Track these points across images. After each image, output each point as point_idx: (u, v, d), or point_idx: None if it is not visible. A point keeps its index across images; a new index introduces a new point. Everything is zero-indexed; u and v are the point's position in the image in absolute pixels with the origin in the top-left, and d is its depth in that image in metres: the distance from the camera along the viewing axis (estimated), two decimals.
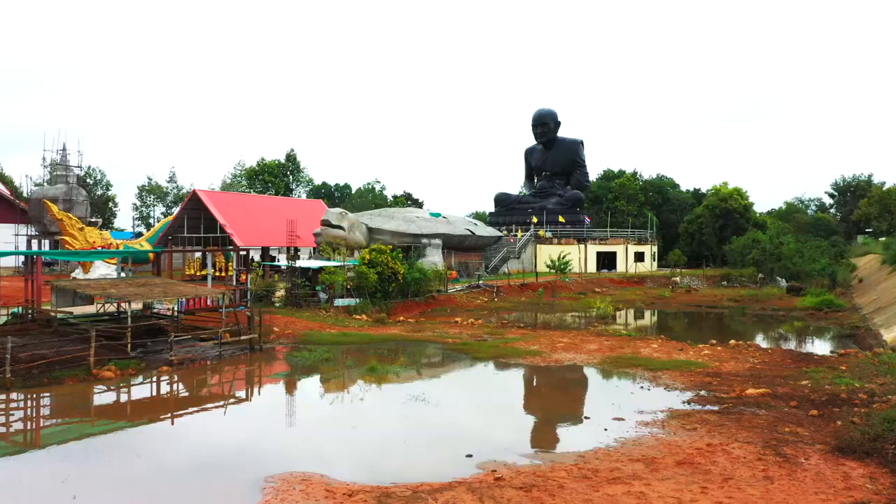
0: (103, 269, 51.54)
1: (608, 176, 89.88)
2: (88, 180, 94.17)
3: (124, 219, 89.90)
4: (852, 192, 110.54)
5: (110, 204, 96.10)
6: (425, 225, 45.90)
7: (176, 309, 26.51)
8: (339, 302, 32.22)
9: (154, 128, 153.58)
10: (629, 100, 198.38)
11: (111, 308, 24.68)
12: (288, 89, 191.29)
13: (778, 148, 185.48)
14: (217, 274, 49.85)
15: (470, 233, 49.33)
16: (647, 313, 38.65)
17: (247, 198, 55.23)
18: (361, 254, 35.03)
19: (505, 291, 44.69)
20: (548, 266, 47.98)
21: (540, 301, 40.97)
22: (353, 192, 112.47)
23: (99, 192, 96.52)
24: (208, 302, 26.23)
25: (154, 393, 17.80)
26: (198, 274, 50.81)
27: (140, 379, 18.50)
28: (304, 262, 32.90)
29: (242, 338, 22.84)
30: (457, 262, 49.78)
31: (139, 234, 66.09)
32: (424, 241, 45.15)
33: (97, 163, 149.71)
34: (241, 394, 18.24)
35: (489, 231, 53.35)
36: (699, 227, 74.36)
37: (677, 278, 54.27)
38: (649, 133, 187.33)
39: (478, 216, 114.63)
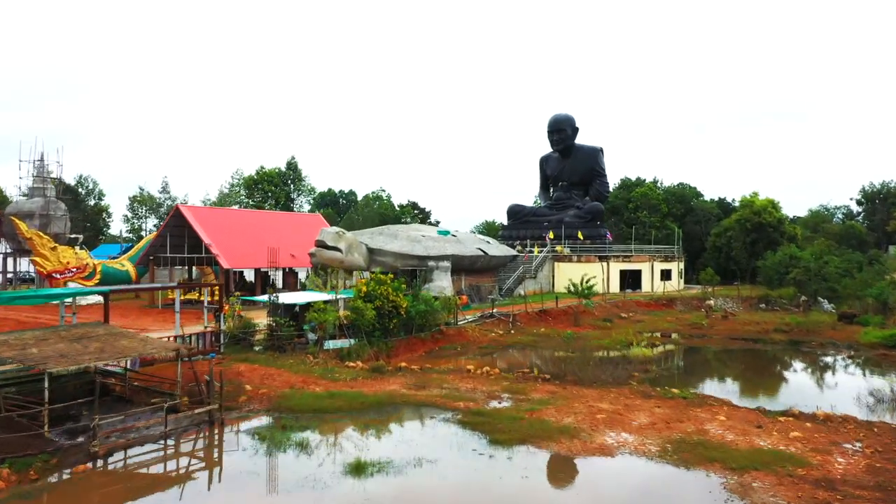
0: None
1: (626, 184, 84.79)
2: (80, 189, 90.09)
3: (118, 230, 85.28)
4: (882, 199, 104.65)
5: (103, 214, 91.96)
6: (433, 245, 41.01)
7: (128, 364, 21.81)
8: (330, 344, 27.37)
9: (148, 134, 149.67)
10: (642, 104, 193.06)
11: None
12: (290, 94, 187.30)
13: (799, 152, 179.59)
14: (202, 299, 45.24)
15: (482, 253, 44.40)
16: (685, 351, 33.44)
17: (237, 213, 50.55)
18: (357, 284, 30.19)
19: (522, 320, 39.72)
20: (569, 290, 42.92)
21: (563, 336, 35.98)
22: (360, 199, 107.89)
23: (92, 203, 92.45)
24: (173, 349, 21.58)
25: None
26: (182, 298, 46.13)
27: (37, 486, 13.64)
28: (288, 296, 28.08)
29: (198, 410, 17.99)
30: (467, 284, 44.86)
31: (128, 249, 61.46)
32: (431, 263, 40.26)
33: (90, 171, 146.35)
34: None
35: (503, 250, 48.36)
36: (728, 241, 69.09)
37: (711, 301, 49.07)
38: (664, 138, 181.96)
39: (488, 226, 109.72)
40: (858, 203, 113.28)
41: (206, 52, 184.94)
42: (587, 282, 44.36)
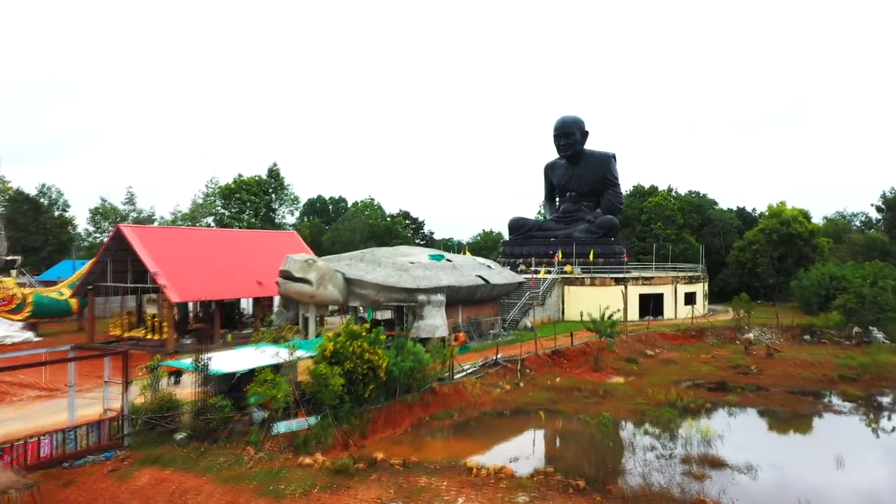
0: (1, 331, 39.72)
1: (639, 192, 77.76)
2: (43, 200, 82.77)
3: (75, 246, 77.80)
4: None
5: (68, 227, 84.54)
6: (423, 276, 33.86)
7: None
8: (281, 427, 20.16)
9: (113, 141, 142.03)
10: (644, 106, 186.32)
11: None
12: (274, 97, 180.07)
13: (811, 157, 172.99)
14: (150, 336, 38.07)
15: (483, 281, 37.26)
16: (751, 420, 25.92)
17: (193, 234, 43.32)
18: (322, 343, 22.95)
19: (532, 366, 32.64)
20: (588, 326, 35.81)
21: (585, 391, 28.89)
22: (350, 206, 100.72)
23: (56, 214, 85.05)
24: (51, 446, 14.89)
25: None
26: (125, 336, 38.94)
27: None
28: (224, 359, 20.85)
29: None
30: (465, 319, 37.76)
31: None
32: (422, 297, 33.12)
33: (54, 180, 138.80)
34: None
35: (507, 276, 41.18)
36: (753, 256, 62.08)
37: (750, 334, 42.01)
38: (664, 141, 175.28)
39: (486, 236, 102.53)
40: (878, 210, 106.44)
41: (179, 52, 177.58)
42: (606, 312, 37.35)
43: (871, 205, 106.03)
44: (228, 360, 21.02)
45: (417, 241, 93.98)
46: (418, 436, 22.82)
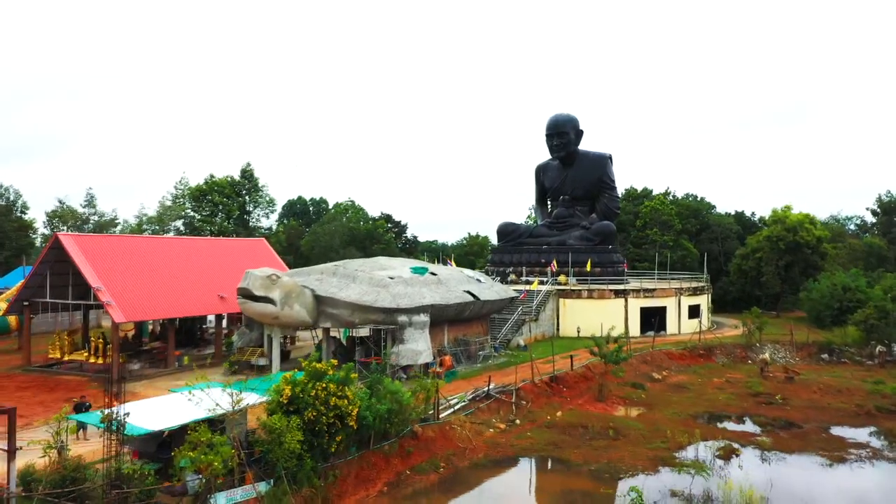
0: None
1: (631, 196, 74.00)
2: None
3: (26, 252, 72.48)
4: None
5: (28, 231, 79.19)
6: (405, 292, 29.64)
7: None
8: (221, 500, 15.89)
9: (73, 139, 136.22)
10: (636, 108, 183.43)
11: None
12: (250, 93, 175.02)
13: (806, 159, 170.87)
14: (93, 360, 33.52)
15: (472, 298, 33.12)
16: (793, 473, 21.82)
17: (148, 242, 38.76)
18: (278, 385, 18.64)
19: (529, 397, 28.54)
20: (590, 349, 31.77)
21: (591, 431, 24.88)
22: (331, 207, 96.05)
23: (14, 217, 79.61)
24: None
25: None
26: (66, 359, 34.34)
27: None
28: (146, 415, 16.44)
29: None
30: (451, 339, 33.60)
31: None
32: (403, 318, 28.89)
33: (11, 181, 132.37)
34: None
35: (499, 291, 37.00)
36: (757, 264, 58.47)
37: (766, 354, 38.23)
38: (663, 144, 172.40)
39: (472, 241, 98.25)
40: (873, 213, 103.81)
41: (147, 47, 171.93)
42: (608, 331, 33.37)
43: (867, 208, 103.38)
44: (153, 414, 16.65)
45: (400, 244, 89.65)
46: (396, 499, 18.63)
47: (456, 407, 25.55)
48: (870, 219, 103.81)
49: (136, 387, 30.26)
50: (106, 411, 16.05)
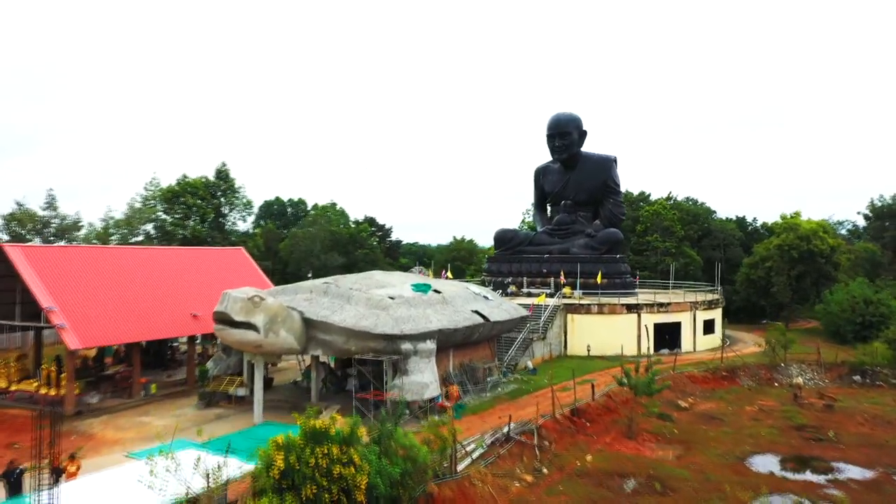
0: None
1: (628, 200, 70.71)
2: None
3: None
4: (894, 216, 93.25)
5: None
6: (408, 315, 25.71)
7: None
8: None
9: (32, 136, 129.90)
10: (630, 109, 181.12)
11: None
12: (226, 93, 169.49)
13: (800, 161, 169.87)
14: (45, 391, 29.09)
15: (482, 319, 29.30)
16: None
17: (110, 253, 34.33)
18: (265, 451, 14.71)
19: (552, 436, 24.83)
20: (619, 381, 28.08)
21: (627, 475, 21.24)
22: (311, 209, 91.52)
23: None
24: None
25: None
26: (13, 389, 29.86)
27: None
28: (82, 490, 12.37)
29: None
30: (457, 365, 29.77)
31: None
32: (406, 346, 24.98)
33: None
34: None
35: (510, 310, 33.08)
36: (767, 274, 55.49)
37: (799, 378, 34.98)
38: (657, 145, 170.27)
39: (458, 245, 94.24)
40: (866, 218, 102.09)
41: (117, 44, 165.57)
42: (650, 379, 29.42)
43: (858, 213, 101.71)
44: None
45: (384, 247, 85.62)
46: None
47: (474, 455, 21.71)
48: (862, 223, 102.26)
49: (93, 425, 25.95)
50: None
